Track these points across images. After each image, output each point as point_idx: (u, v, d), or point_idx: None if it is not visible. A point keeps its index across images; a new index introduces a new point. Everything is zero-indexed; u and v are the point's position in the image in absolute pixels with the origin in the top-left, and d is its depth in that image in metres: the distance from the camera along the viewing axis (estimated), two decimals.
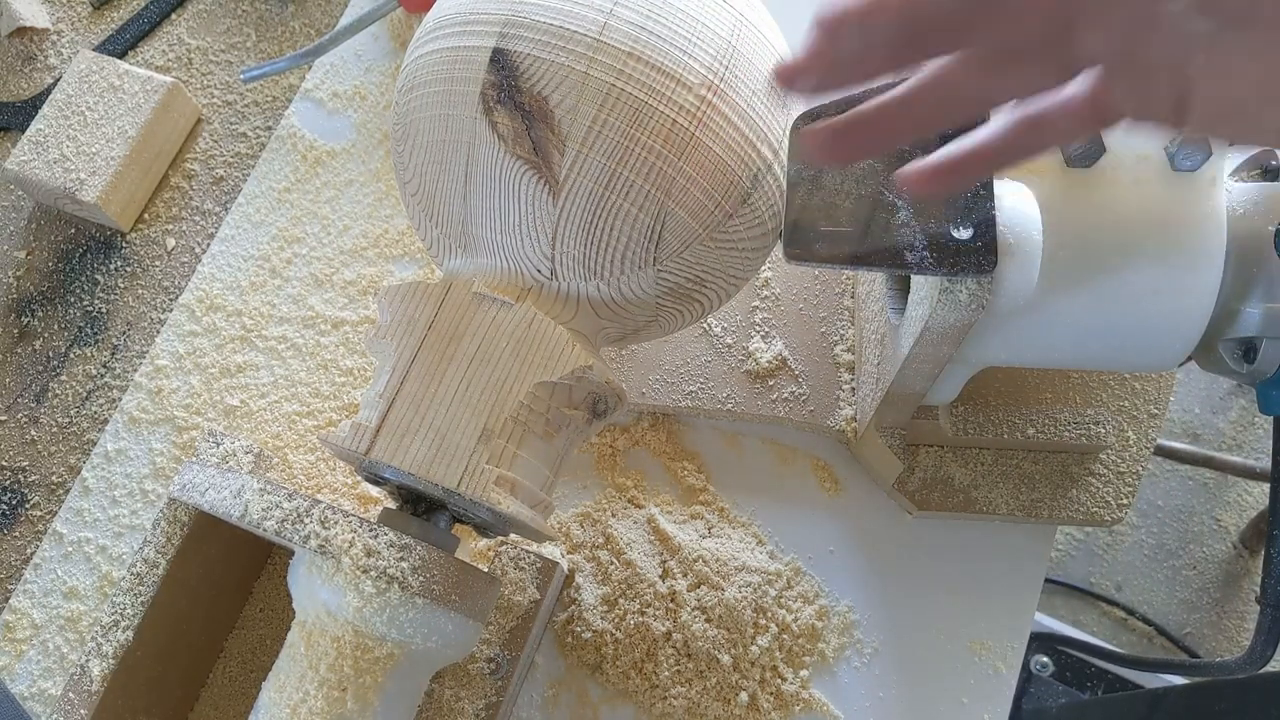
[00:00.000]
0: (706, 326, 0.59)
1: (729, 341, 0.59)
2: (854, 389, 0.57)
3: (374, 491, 0.57)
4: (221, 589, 0.54)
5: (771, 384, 0.58)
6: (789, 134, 0.43)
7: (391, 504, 0.45)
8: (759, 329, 0.59)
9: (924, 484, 0.54)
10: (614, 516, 0.56)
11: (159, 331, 0.63)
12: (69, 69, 0.66)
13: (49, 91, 0.68)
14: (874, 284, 0.55)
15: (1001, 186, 0.40)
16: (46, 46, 0.72)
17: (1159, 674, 0.97)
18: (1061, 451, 0.55)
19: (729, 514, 0.57)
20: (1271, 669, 0.53)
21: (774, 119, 0.44)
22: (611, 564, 0.55)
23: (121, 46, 0.71)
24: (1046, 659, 0.98)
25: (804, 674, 0.54)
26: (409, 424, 0.41)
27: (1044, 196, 0.41)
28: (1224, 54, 0.29)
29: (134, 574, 0.49)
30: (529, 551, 0.50)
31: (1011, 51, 0.31)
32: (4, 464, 0.61)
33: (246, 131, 0.69)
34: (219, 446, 0.53)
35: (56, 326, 0.64)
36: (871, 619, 0.55)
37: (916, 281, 0.45)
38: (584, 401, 0.44)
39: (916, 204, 0.40)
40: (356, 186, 0.66)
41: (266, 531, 0.40)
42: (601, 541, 0.56)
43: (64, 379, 0.63)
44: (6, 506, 0.60)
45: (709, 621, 0.53)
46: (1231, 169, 0.46)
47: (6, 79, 0.71)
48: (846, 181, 0.41)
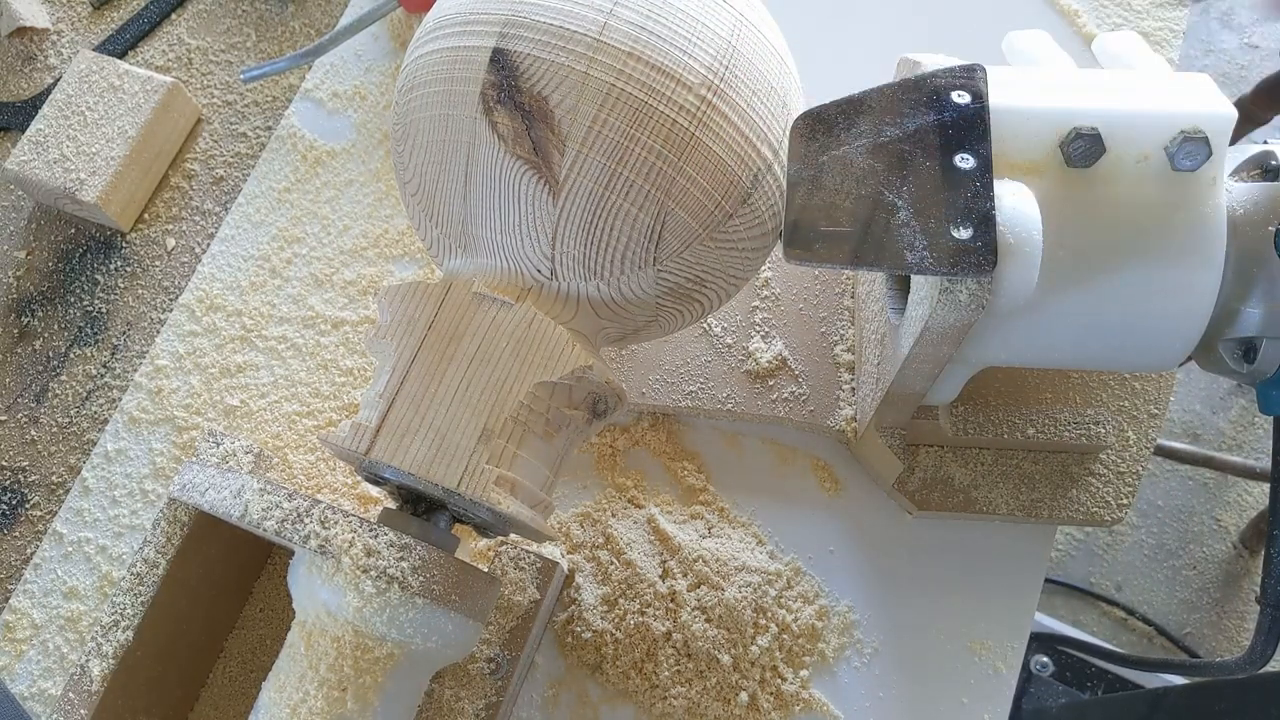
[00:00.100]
0: (706, 326, 0.59)
1: (729, 341, 0.59)
2: (854, 389, 0.57)
3: (374, 491, 0.57)
4: (221, 589, 0.54)
5: (771, 384, 0.58)
6: (789, 134, 0.43)
7: (391, 504, 0.45)
8: (759, 329, 0.59)
9: (924, 484, 0.54)
10: (614, 516, 0.56)
11: (159, 331, 0.63)
12: (69, 69, 0.66)
13: (49, 91, 0.68)
14: (874, 284, 0.55)
15: (1001, 186, 0.40)
16: (46, 46, 0.72)
17: (1159, 674, 0.97)
18: (1061, 451, 0.55)
19: (729, 514, 0.57)
20: (1271, 669, 0.53)
21: (774, 119, 0.44)
22: (611, 564, 0.55)
23: (121, 46, 0.71)
24: (1046, 659, 0.98)
25: (804, 674, 0.54)
26: (409, 424, 0.41)
27: (1044, 196, 0.41)
28: None
29: (134, 574, 0.49)
30: (529, 551, 0.50)
31: None
32: (4, 464, 0.61)
33: (246, 131, 0.69)
34: (219, 446, 0.53)
35: (56, 326, 0.64)
36: (871, 619, 0.55)
37: (916, 281, 0.45)
38: (584, 401, 0.44)
39: (916, 204, 0.40)
40: (356, 186, 0.66)
41: (266, 531, 0.40)
42: (601, 541, 0.56)
43: (64, 379, 0.63)
44: (6, 506, 0.60)
45: (709, 621, 0.53)
46: (1231, 169, 0.46)
47: (6, 79, 0.71)
48: (846, 181, 0.41)
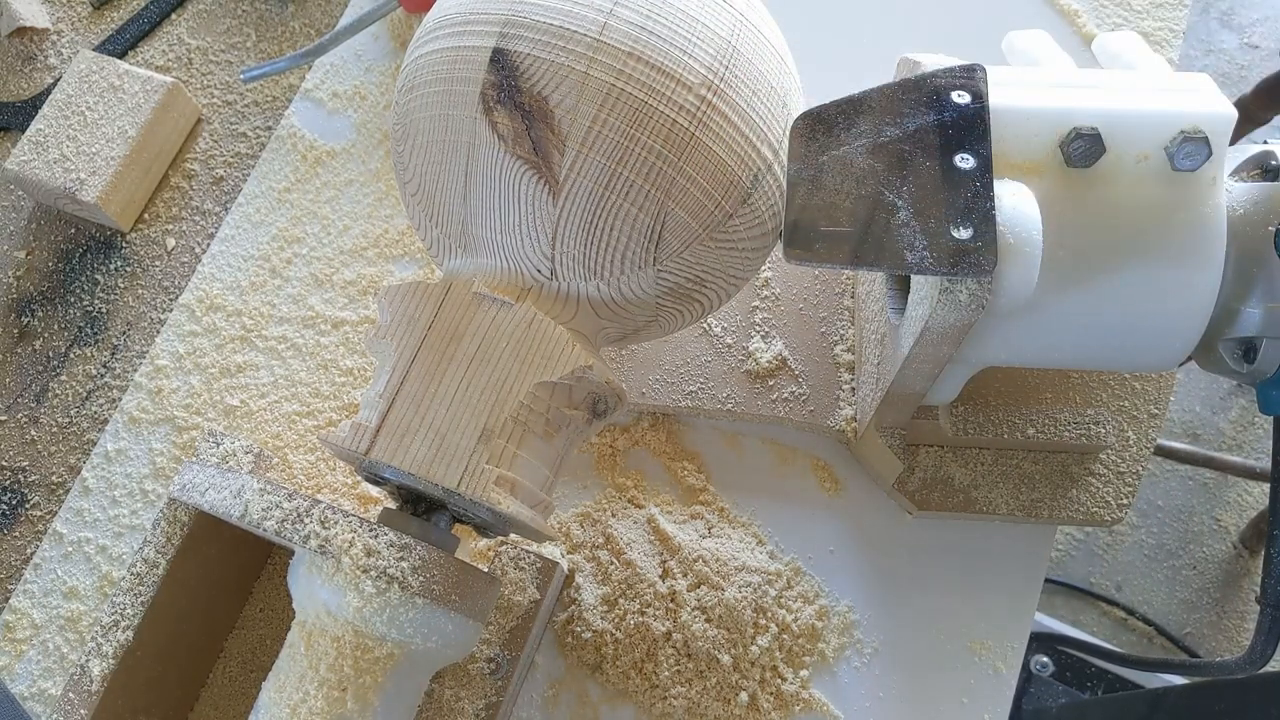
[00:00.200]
0: (706, 326, 0.59)
1: (729, 341, 0.59)
2: (854, 389, 0.57)
3: (374, 491, 0.57)
4: (221, 589, 0.54)
5: (771, 384, 0.58)
6: (789, 134, 0.43)
7: (391, 504, 0.45)
8: (759, 329, 0.59)
9: (924, 484, 0.54)
10: (614, 516, 0.56)
11: (159, 331, 0.63)
12: (69, 69, 0.66)
13: (49, 91, 0.68)
14: (874, 284, 0.55)
15: (1001, 186, 0.40)
16: (46, 46, 0.72)
17: (1159, 674, 0.97)
18: (1061, 451, 0.55)
19: (729, 514, 0.57)
20: (1271, 669, 0.53)
21: (774, 119, 0.44)
22: (611, 564, 0.55)
23: (121, 46, 0.71)
24: (1046, 659, 0.98)
25: (804, 674, 0.54)
26: (409, 424, 0.41)
27: (1044, 196, 0.41)
28: None
29: (134, 574, 0.49)
30: (529, 551, 0.50)
31: None
32: (4, 464, 0.61)
33: (246, 131, 0.69)
34: (219, 446, 0.53)
35: (56, 326, 0.64)
36: (871, 619, 0.55)
37: (916, 281, 0.45)
38: (584, 401, 0.44)
39: (916, 204, 0.40)
40: (356, 186, 0.66)
41: (266, 531, 0.40)
42: (601, 541, 0.56)
43: (64, 379, 0.63)
44: (6, 506, 0.60)
45: (709, 621, 0.53)
46: (1231, 169, 0.46)
47: (6, 79, 0.71)
48: (846, 181, 0.41)
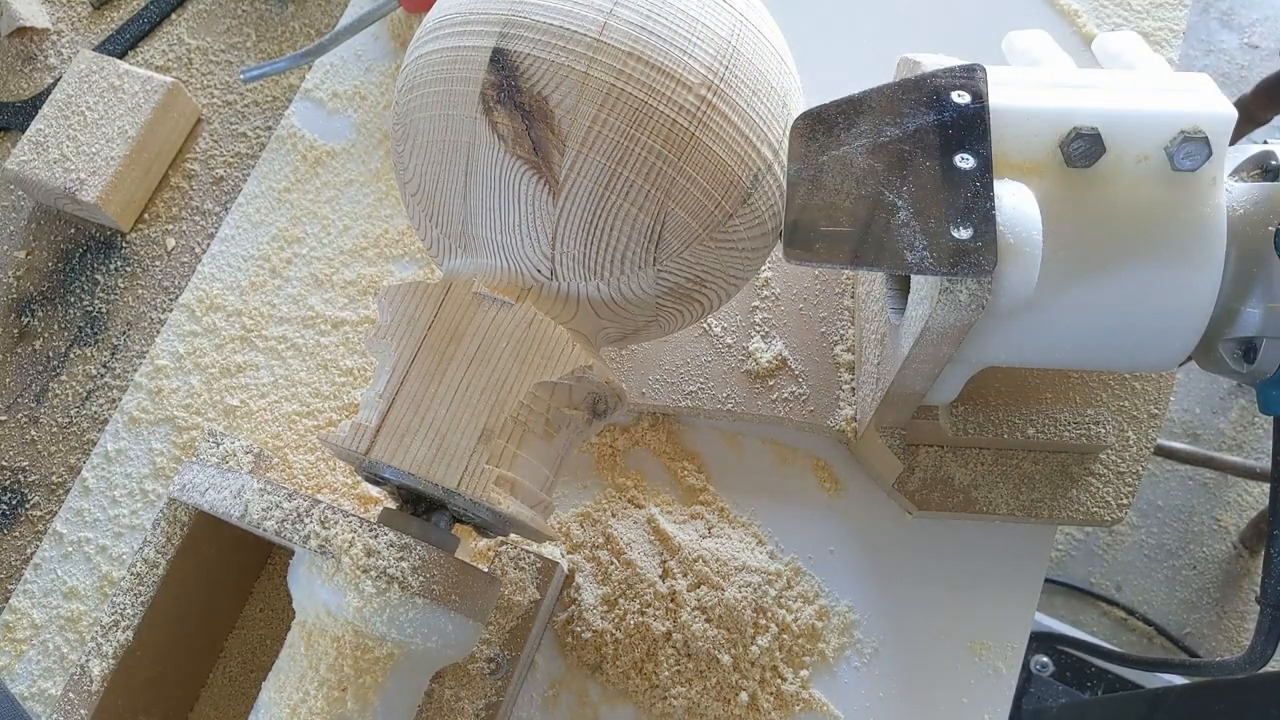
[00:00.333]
0: (706, 326, 0.59)
1: (729, 341, 0.59)
2: (854, 389, 0.57)
3: (374, 491, 0.57)
4: (221, 589, 0.54)
5: (771, 384, 0.58)
6: (789, 134, 0.43)
7: (391, 504, 0.45)
8: (759, 329, 0.59)
9: (924, 484, 0.54)
10: (614, 516, 0.56)
11: (159, 331, 0.63)
12: (69, 69, 0.66)
13: (49, 91, 0.68)
14: (874, 284, 0.55)
15: (1001, 186, 0.40)
16: (46, 46, 0.72)
17: (1159, 674, 0.97)
18: (1061, 451, 0.55)
19: (729, 514, 0.57)
20: (1271, 669, 0.53)
21: (774, 119, 0.44)
22: (611, 564, 0.55)
23: (121, 46, 0.71)
24: (1046, 659, 0.98)
25: (804, 674, 0.54)
26: (409, 424, 0.41)
27: (1044, 196, 0.41)
28: None
29: (134, 574, 0.49)
30: (529, 551, 0.50)
31: None
32: (4, 464, 0.61)
33: (246, 131, 0.69)
34: (219, 446, 0.53)
35: (56, 326, 0.64)
36: (871, 619, 0.55)
37: (916, 281, 0.45)
38: (584, 401, 0.44)
39: (916, 204, 0.40)
40: (356, 186, 0.66)
41: (266, 531, 0.40)
42: (601, 541, 0.56)
43: (64, 379, 0.63)
44: (6, 506, 0.60)
45: (709, 621, 0.53)
46: (1231, 169, 0.46)
47: (6, 79, 0.71)
48: (846, 181, 0.41)
